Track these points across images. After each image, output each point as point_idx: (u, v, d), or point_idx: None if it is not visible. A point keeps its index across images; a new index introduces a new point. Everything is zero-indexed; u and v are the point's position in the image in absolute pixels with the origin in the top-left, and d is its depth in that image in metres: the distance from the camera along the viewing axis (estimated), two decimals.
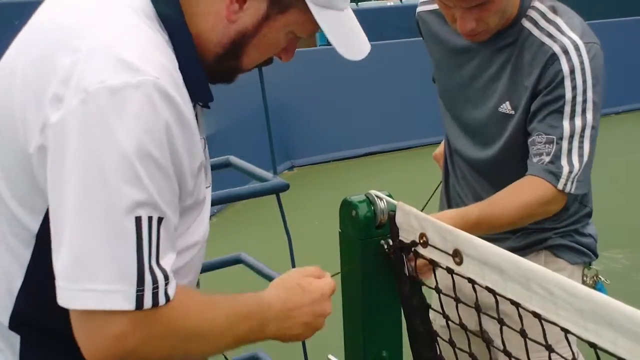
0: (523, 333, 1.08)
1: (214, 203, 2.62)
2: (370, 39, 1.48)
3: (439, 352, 1.35)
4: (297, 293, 1.33)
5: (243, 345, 1.30)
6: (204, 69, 1.29)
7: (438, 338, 1.34)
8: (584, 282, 2.12)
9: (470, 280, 1.16)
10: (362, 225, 1.36)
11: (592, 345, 0.96)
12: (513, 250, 1.88)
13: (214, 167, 2.96)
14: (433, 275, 1.31)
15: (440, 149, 2.37)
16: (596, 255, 2.15)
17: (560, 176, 1.85)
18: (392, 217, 1.33)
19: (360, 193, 1.40)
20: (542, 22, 1.91)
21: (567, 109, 1.86)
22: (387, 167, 7.07)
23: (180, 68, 1.21)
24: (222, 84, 1.40)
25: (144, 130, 1.10)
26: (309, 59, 7.52)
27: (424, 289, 1.35)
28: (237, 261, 2.91)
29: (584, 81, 1.86)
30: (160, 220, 1.12)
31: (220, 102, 6.01)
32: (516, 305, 1.08)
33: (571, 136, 1.87)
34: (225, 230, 5.48)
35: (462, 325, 1.25)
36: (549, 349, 1.06)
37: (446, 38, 2.09)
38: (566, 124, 1.86)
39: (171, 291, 1.14)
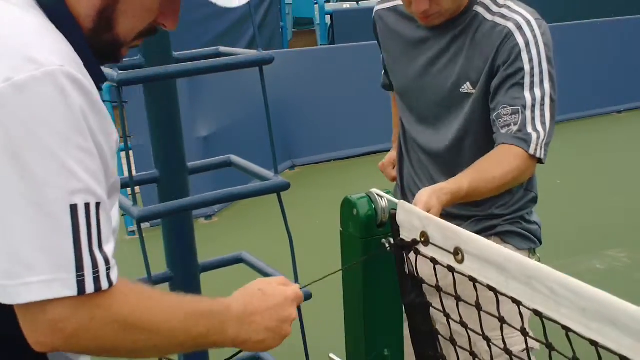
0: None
1: (215, 202, 2.62)
2: (369, 39, 1.48)
3: (440, 350, 1.35)
4: (258, 297, 1.31)
5: (205, 348, 1.29)
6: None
7: (439, 336, 1.34)
8: None
9: (472, 279, 1.16)
10: (364, 224, 1.36)
11: (593, 343, 0.96)
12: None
13: (215, 167, 2.97)
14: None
15: (389, 158, 2.50)
16: (540, 242, 2.28)
17: (530, 142, 1.96)
18: (393, 215, 1.32)
19: (362, 192, 1.40)
20: (494, 7, 2.06)
21: (527, 80, 1.99)
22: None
23: (76, 51, 1.19)
24: (110, 62, 1.36)
25: (61, 120, 1.09)
26: (310, 58, 7.51)
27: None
28: (237, 260, 2.90)
29: (539, 53, 1.99)
30: (98, 205, 1.13)
31: (221, 102, 6.04)
32: (517, 303, 1.08)
33: (533, 105, 1.99)
34: (226, 229, 5.48)
35: (463, 324, 1.24)
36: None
37: (404, 32, 2.22)
38: (527, 94, 1.99)
39: (114, 276, 1.15)
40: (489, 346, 1.23)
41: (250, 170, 2.76)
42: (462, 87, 2.09)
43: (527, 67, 1.98)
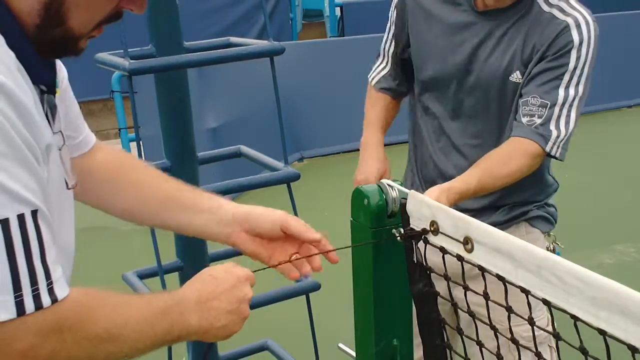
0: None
1: (225, 192, 2.63)
2: (378, 31, 1.49)
3: (447, 340, 1.35)
4: (210, 282, 1.28)
5: (175, 342, 1.27)
6: (33, 46, 1.14)
7: (446, 325, 1.35)
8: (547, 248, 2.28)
9: (481, 268, 1.17)
10: (374, 214, 1.36)
11: (602, 332, 0.96)
12: (496, 224, 1.96)
13: (225, 157, 2.97)
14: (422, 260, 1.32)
15: (373, 173, 2.32)
16: (556, 222, 2.35)
17: (549, 139, 1.98)
18: (403, 205, 1.33)
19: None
20: None
21: (566, 78, 1.98)
22: (397, 158, 7.05)
23: (12, 49, 1.09)
24: (66, 57, 1.22)
25: None
26: (319, 51, 7.51)
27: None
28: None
29: (587, 54, 2.00)
30: (34, 213, 1.04)
31: (230, 93, 6.07)
32: (526, 292, 1.08)
33: (563, 104, 1.99)
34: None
35: (471, 313, 1.25)
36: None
37: (445, 16, 2.14)
38: (562, 91, 1.98)
39: (60, 290, 1.07)
40: (496, 336, 1.24)
41: (260, 161, 2.77)
42: (512, 76, 2.06)
43: (571, 65, 1.98)
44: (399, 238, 1.33)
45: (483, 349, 1.24)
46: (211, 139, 5.72)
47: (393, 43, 2.32)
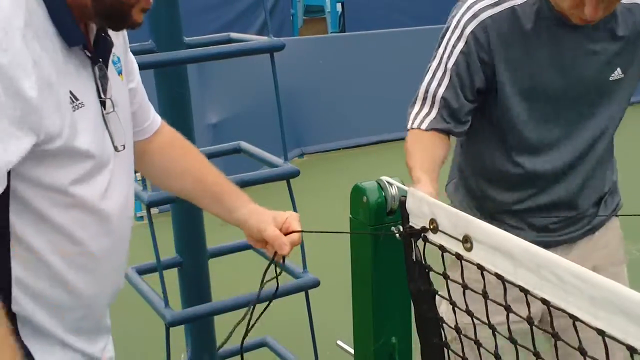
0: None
1: None
2: (380, 27, 1.47)
3: (444, 339, 1.35)
4: None
5: None
6: (79, 14, 1.30)
7: (444, 324, 1.34)
8: None
9: (479, 267, 1.16)
10: (373, 212, 1.36)
11: (600, 332, 0.96)
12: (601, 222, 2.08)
13: (225, 153, 2.97)
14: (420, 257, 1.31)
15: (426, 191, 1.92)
16: None
17: None
18: (402, 202, 1.32)
19: (371, 180, 1.40)
20: None
21: None
22: (398, 155, 7.04)
23: (50, 14, 1.25)
24: (124, 28, 1.41)
25: None
26: (320, 46, 7.50)
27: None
28: (246, 247, 2.91)
29: None
30: None
31: (231, 88, 6.05)
32: (525, 292, 1.08)
33: None
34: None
35: (469, 312, 1.25)
36: None
37: (529, 29, 1.92)
38: None
39: None
40: (494, 335, 1.23)
41: (260, 157, 2.77)
42: (613, 75, 1.97)
43: None
44: (398, 236, 1.32)
45: None
46: (212, 135, 5.71)
47: (458, 81, 1.96)
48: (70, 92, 1.29)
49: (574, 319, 1.00)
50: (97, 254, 1.40)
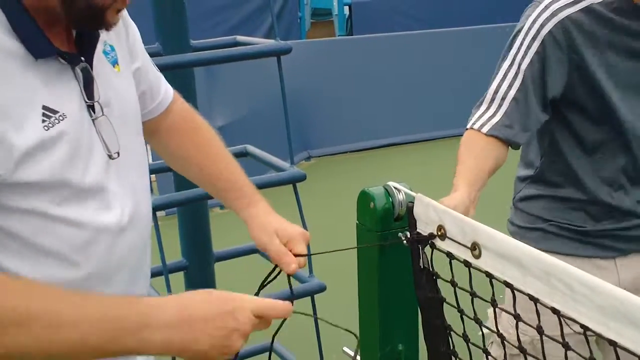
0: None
1: None
2: (387, 30, 1.45)
3: (452, 347, 1.34)
4: (208, 300, 1.14)
5: (123, 354, 1.10)
6: (45, 21, 1.19)
7: (452, 332, 1.33)
8: None
9: (488, 274, 1.15)
10: (380, 218, 1.34)
11: (612, 343, 0.94)
12: None
13: None
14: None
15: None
16: None
17: None
18: (410, 208, 1.31)
19: (379, 185, 1.38)
20: None
21: None
22: (405, 159, 7.04)
23: (11, 26, 1.14)
24: (97, 29, 1.27)
25: None
26: (328, 49, 7.49)
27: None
28: (253, 251, 2.90)
29: None
30: None
31: (238, 91, 6.04)
32: (535, 300, 1.06)
33: None
34: (242, 220, 5.47)
35: (477, 320, 1.23)
36: None
37: (625, 27, 1.87)
38: None
39: None
40: (503, 344, 1.22)
41: (266, 161, 2.76)
42: None
43: None
44: (405, 242, 1.31)
45: None
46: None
47: (531, 84, 1.89)
48: (44, 107, 1.16)
49: (585, 329, 0.98)
50: (102, 273, 1.28)
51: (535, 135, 2.04)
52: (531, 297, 1.06)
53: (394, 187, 1.35)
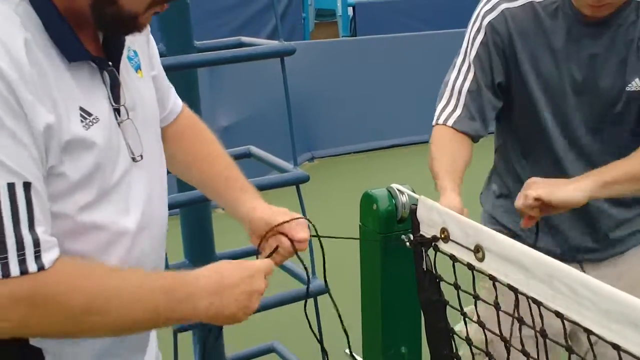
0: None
1: None
2: (391, 31, 1.44)
3: (455, 350, 1.33)
4: (234, 268, 1.30)
5: (174, 323, 1.28)
6: (75, 24, 1.21)
7: (455, 335, 1.33)
8: None
9: (492, 277, 1.14)
10: (383, 220, 1.34)
11: (616, 347, 0.94)
12: None
13: (235, 157, 2.96)
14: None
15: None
16: None
17: None
18: (413, 210, 1.31)
19: (382, 186, 1.38)
20: None
21: None
22: (409, 160, 7.03)
23: (46, 28, 1.17)
24: (128, 34, 1.29)
25: None
26: (332, 50, 7.49)
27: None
28: (255, 252, 2.90)
29: None
30: (26, 185, 1.09)
31: (242, 92, 6.03)
32: (538, 304, 1.06)
33: None
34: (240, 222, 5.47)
35: (481, 324, 1.23)
36: None
37: (551, 30, 1.93)
38: None
39: (48, 258, 1.10)
40: (507, 349, 1.22)
41: (269, 162, 2.76)
42: (630, 85, 1.91)
43: None
44: (408, 244, 1.31)
45: None
46: (222, 138, 5.68)
47: (481, 73, 1.99)
48: (81, 109, 1.20)
49: (589, 332, 0.98)
50: None
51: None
52: (534, 300, 1.06)
53: (397, 189, 1.35)
